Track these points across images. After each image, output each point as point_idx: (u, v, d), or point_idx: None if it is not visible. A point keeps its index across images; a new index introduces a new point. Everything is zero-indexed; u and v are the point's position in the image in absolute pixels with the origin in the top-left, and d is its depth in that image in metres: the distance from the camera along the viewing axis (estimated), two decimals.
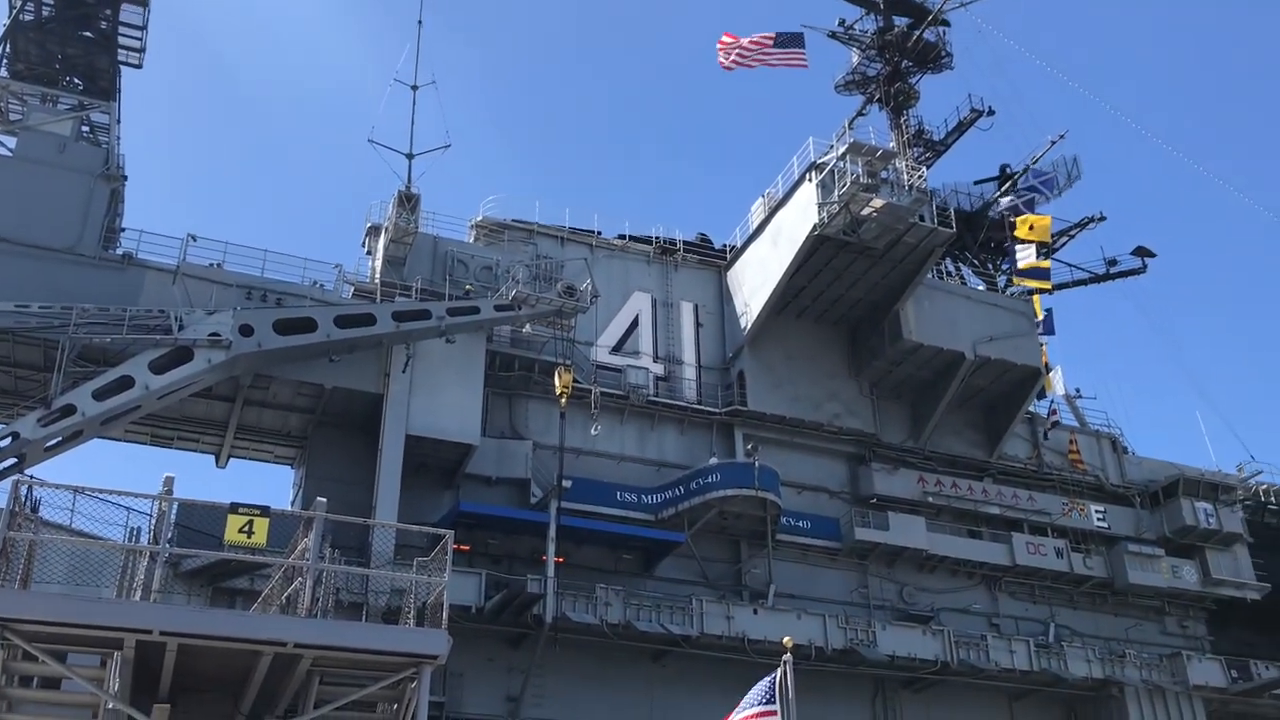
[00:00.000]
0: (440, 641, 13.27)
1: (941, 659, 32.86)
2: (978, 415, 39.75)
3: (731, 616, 31.23)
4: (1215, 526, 39.36)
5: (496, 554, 31.47)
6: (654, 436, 35.67)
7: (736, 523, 33.83)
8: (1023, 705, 35.54)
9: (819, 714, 31.92)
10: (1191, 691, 35.48)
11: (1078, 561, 37.97)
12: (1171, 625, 39.64)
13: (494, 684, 30.15)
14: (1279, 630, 39.39)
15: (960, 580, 37.38)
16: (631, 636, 30.28)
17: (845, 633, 32.20)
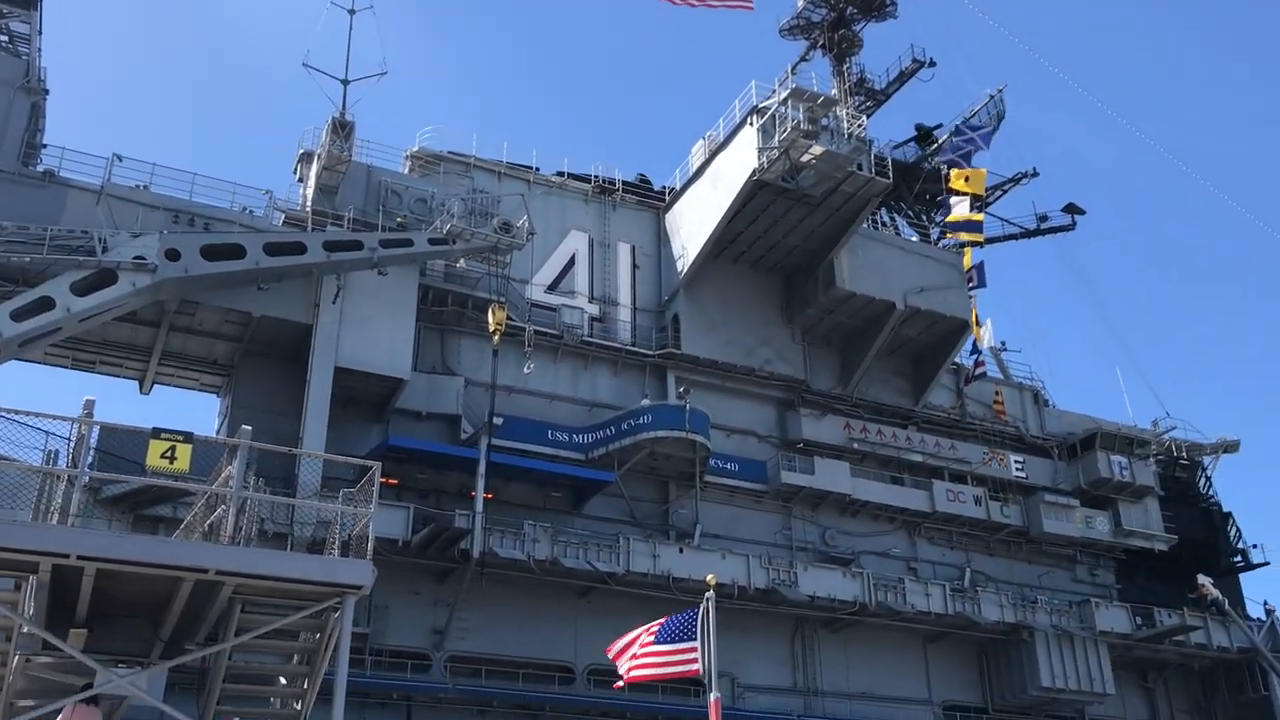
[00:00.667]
0: (364, 572, 13.24)
1: (860, 600, 33.67)
2: (905, 365, 40.39)
3: (658, 555, 31.65)
4: (1129, 479, 40.60)
5: (425, 489, 31.45)
6: (587, 377, 35.73)
7: (666, 464, 34.14)
8: (937, 647, 36.61)
9: (739, 651, 32.74)
10: (1098, 637, 36.80)
11: (995, 510, 38.98)
12: (1082, 573, 40.97)
13: (419, 617, 30.28)
14: (1183, 580, 40.80)
15: (881, 525, 38.20)
16: (558, 573, 30.56)
17: (768, 573, 32.83)
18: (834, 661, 35.03)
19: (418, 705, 29.00)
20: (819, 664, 34.80)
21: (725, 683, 31.76)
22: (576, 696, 30.70)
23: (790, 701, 33.72)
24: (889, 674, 35.64)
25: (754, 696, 33.22)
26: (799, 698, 34.01)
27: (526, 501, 32.52)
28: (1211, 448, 46.32)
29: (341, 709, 13.66)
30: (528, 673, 30.81)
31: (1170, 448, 45.34)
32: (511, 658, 30.81)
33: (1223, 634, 39.41)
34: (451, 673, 29.79)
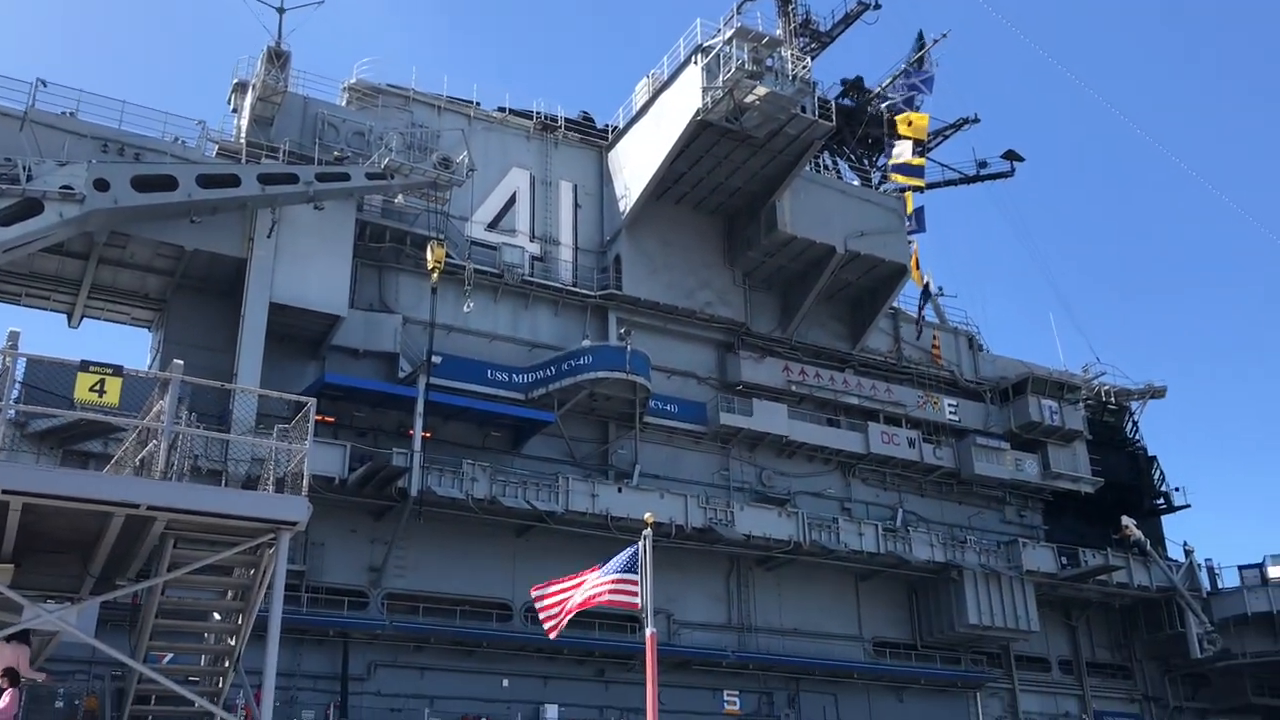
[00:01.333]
0: (299, 508, 13.15)
1: (795, 540, 34.23)
2: (844, 309, 40.73)
3: (596, 494, 31.85)
4: (1058, 423, 41.52)
5: (362, 427, 31.26)
6: (527, 316, 35.56)
7: (606, 404, 34.24)
8: (868, 585, 37.41)
9: (677, 589, 33.22)
10: (1024, 576, 37.83)
11: (928, 452, 39.69)
12: (1011, 514, 41.97)
13: (356, 555, 30.27)
14: (1108, 521, 42.04)
15: (817, 465, 38.74)
16: (497, 512, 30.66)
17: (705, 512, 33.21)
18: (768, 599, 35.66)
19: (354, 642, 29.07)
20: (753, 601, 35.41)
21: (661, 619, 32.26)
22: (514, 633, 30.98)
23: (725, 638, 34.32)
24: (821, 611, 36.38)
25: (689, 633, 33.76)
26: (733, 634, 34.62)
27: (465, 441, 32.47)
28: (1139, 393, 47.48)
29: (276, 645, 13.65)
30: (465, 610, 30.98)
31: (1099, 393, 46.40)
32: (449, 595, 30.96)
33: (1144, 574, 40.73)
34: (388, 610, 29.87)
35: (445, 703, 29.25)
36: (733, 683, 33.88)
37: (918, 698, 36.72)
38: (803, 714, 34.44)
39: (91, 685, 19.10)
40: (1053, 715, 39.73)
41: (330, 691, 28.22)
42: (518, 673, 30.76)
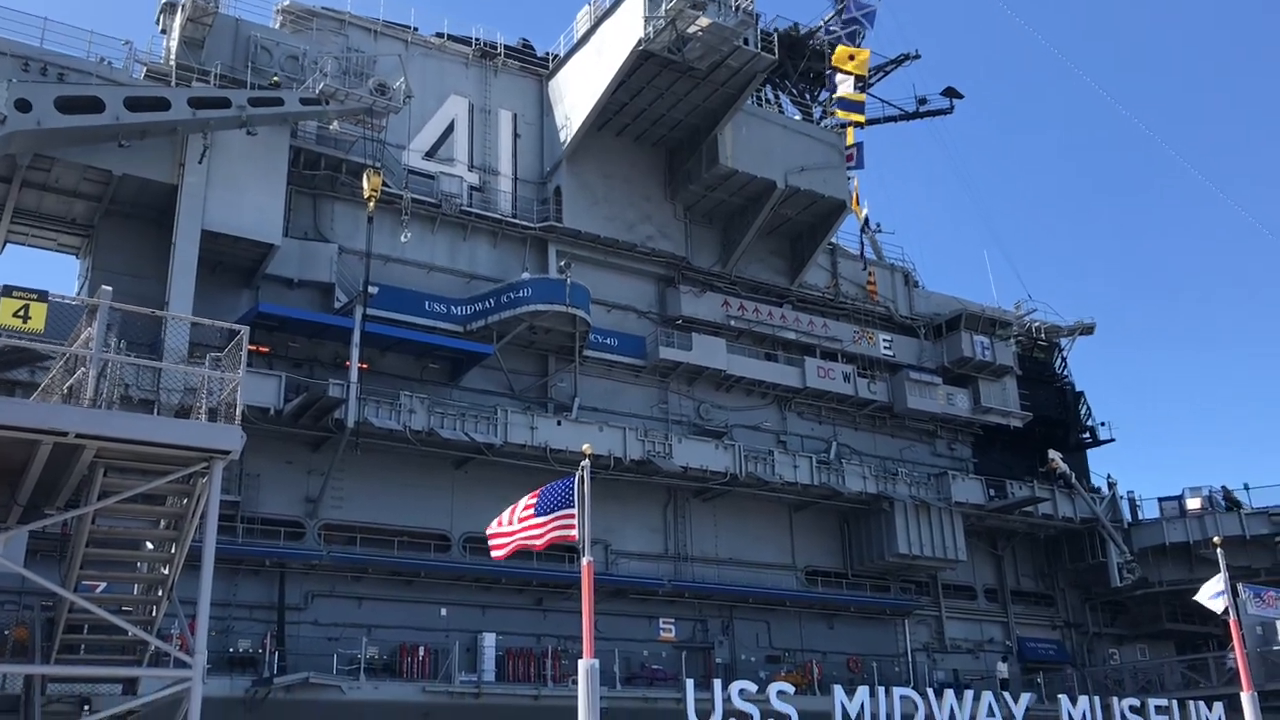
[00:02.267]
0: (233, 437, 13.06)
1: (731, 471, 34.69)
2: (783, 244, 40.89)
3: (535, 427, 31.93)
4: (989, 359, 42.30)
5: (297, 358, 30.94)
6: (465, 248, 35.24)
7: (545, 338, 34.20)
8: (801, 516, 38.10)
9: (615, 519, 33.57)
10: (953, 507, 38.77)
11: (863, 386, 40.28)
12: (941, 447, 42.86)
13: (292, 486, 30.13)
14: (1035, 455, 43.14)
15: (754, 399, 39.16)
16: (435, 444, 30.63)
17: (643, 445, 33.48)
18: (704, 529, 36.20)
19: (291, 573, 29.06)
20: (689, 531, 35.93)
21: (599, 549, 32.66)
22: (452, 563, 31.14)
23: (661, 567, 34.85)
24: (756, 541, 37.03)
25: (626, 562, 34.21)
26: (670, 563, 35.15)
27: (403, 373, 32.31)
28: (1069, 330, 48.48)
29: (210, 575, 13.64)
30: (403, 541, 31.05)
31: (1030, 329, 47.32)
32: (387, 526, 30.98)
33: (1068, 505, 41.94)
34: (325, 541, 29.85)
35: (383, 632, 29.42)
36: (668, 610, 34.46)
37: (848, 624, 37.68)
38: (736, 640, 35.19)
39: (21, 615, 18.90)
40: (977, 641, 41.02)
41: (267, 621, 28.24)
42: (456, 602, 30.99)
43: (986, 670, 38.66)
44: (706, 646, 34.66)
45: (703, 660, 33.81)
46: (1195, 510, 42.10)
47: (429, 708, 26.89)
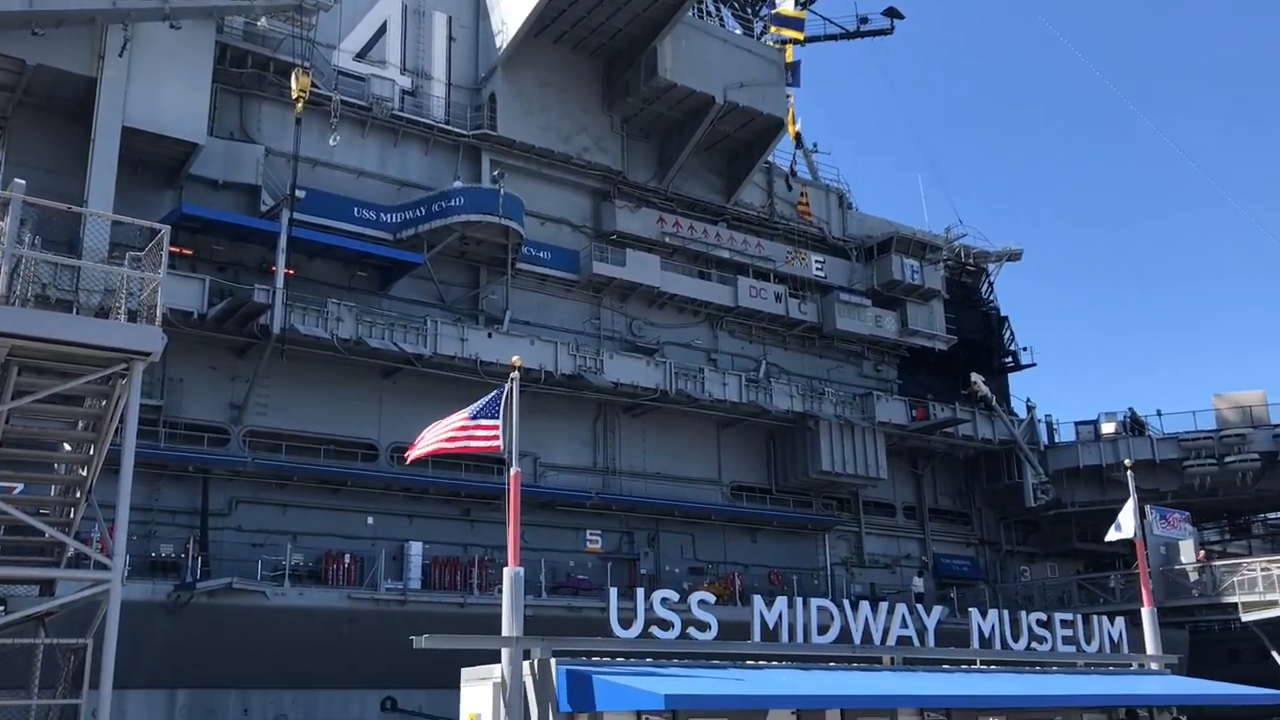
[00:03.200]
0: (152, 338, 12.77)
1: (661, 388, 34.92)
2: (720, 161, 40.70)
3: (465, 339, 31.74)
4: (918, 282, 42.83)
5: (222, 261, 30.26)
6: (397, 154, 34.53)
7: (477, 249, 33.81)
8: (730, 433, 38.57)
9: (544, 433, 33.68)
10: (877, 427, 39.51)
11: (794, 306, 40.60)
12: (868, 368, 43.52)
13: (216, 391, 29.71)
14: (957, 378, 44.01)
15: (686, 317, 39.30)
16: (363, 353, 30.34)
17: (575, 359, 33.50)
18: (633, 444, 36.50)
19: (215, 479, 28.81)
20: (618, 446, 36.21)
21: (528, 462, 32.81)
22: (379, 472, 31.09)
23: (589, 480, 35.14)
24: (683, 456, 37.46)
25: (555, 475, 34.43)
26: (598, 476, 35.46)
27: (331, 280, 31.80)
28: (996, 255, 49.22)
29: (129, 477, 13.43)
30: (330, 449, 30.88)
31: (959, 254, 47.96)
32: (313, 434, 30.76)
33: (987, 427, 42.99)
34: (250, 447, 29.57)
35: (308, 540, 29.39)
36: (595, 523, 34.88)
37: (770, 538, 38.48)
38: (661, 553, 35.78)
39: None
40: (895, 557, 42.19)
41: (190, 527, 28.04)
42: (382, 511, 31.01)
43: (902, 584, 39.85)
44: (632, 558, 35.23)
45: (628, 571, 34.37)
46: (1109, 435, 43.43)
47: (354, 614, 27.04)
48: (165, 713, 24.93)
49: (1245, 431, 41.89)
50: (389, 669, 25.93)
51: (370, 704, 27.22)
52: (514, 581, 15.06)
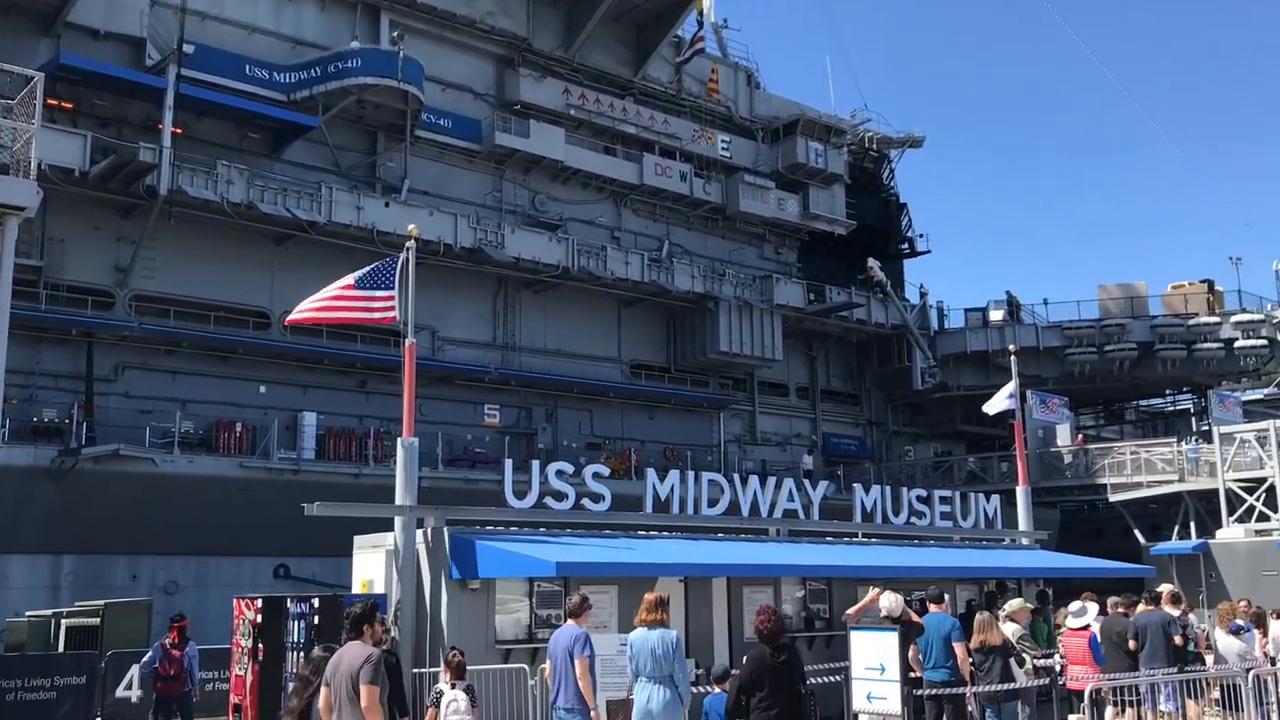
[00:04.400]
0: (26, 192, 12.18)
1: (563, 264, 34.72)
2: (628, 32, 39.84)
3: (361, 207, 30.99)
4: (822, 166, 43.00)
5: (104, 117, 28.82)
6: (291, 10, 32.98)
7: (375, 113, 32.79)
8: (631, 311, 38.71)
9: (443, 306, 33.37)
10: (774, 309, 40.04)
11: (698, 186, 40.49)
12: (768, 251, 43.86)
13: (100, 253, 28.63)
14: (855, 262, 44.64)
15: (590, 193, 38.92)
16: (254, 218, 29.46)
17: (475, 232, 33.04)
18: (533, 320, 36.41)
19: (100, 343, 27.97)
20: (519, 322, 36.08)
21: (425, 335, 32.50)
22: (272, 341, 30.52)
23: (489, 355, 35.05)
24: (584, 334, 37.55)
25: (453, 349, 34.24)
26: (497, 352, 35.38)
27: (221, 140, 30.57)
28: (898, 141, 49.58)
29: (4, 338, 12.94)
30: (220, 316, 30.15)
31: (863, 139, 48.17)
32: (203, 300, 29.95)
33: (881, 312, 43.92)
34: (137, 312, 28.71)
35: (198, 407, 28.88)
36: (494, 398, 34.93)
37: (667, 416, 39.08)
38: (559, 428, 36.09)
39: None
40: (786, 436, 43.30)
41: (74, 392, 27.28)
42: (275, 381, 30.55)
43: (792, 462, 40.99)
44: (530, 432, 35.47)
45: (525, 446, 34.63)
46: (996, 322, 44.79)
47: (246, 483, 26.85)
48: (50, 578, 24.64)
49: (1125, 322, 43.62)
50: (282, 538, 25.88)
51: (263, 571, 27.26)
52: (408, 451, 15.04)
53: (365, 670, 7.12)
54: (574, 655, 9.72)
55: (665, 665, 9.33)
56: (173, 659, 13.59)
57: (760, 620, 9.20)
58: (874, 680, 10.06)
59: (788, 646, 9.29)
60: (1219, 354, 43.27)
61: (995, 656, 12.27)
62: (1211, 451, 35.60)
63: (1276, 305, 45.40)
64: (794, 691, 9.16)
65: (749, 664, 9.26)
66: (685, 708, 9.58)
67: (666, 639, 9.42)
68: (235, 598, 15.41)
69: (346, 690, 7.16)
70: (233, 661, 14.88)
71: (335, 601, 14.07)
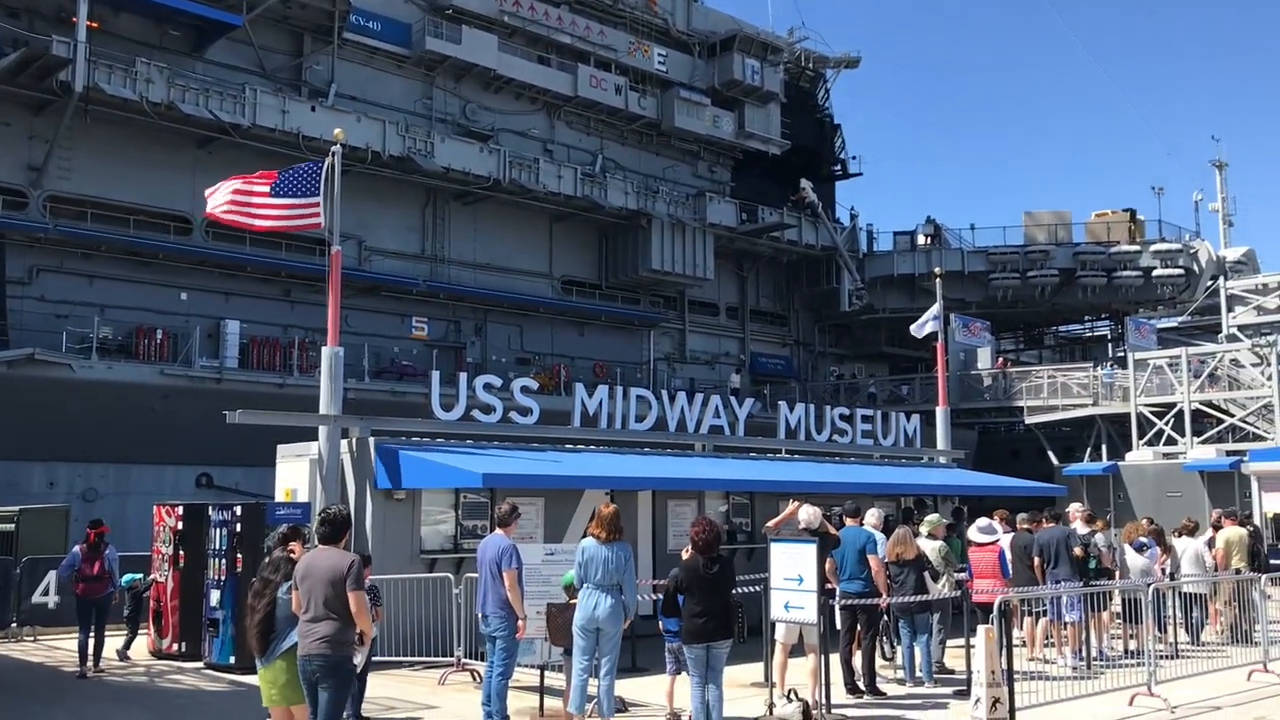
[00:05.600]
0: None
1: (495, 176, 34.25)
2: None
3: (287, 110, 30.18)
4: (758, 84, 42.65)
5: (14, 6, 27.50)
6: None
7: (301, 13, 31.76)
8: (562, 226, 38.42)
9: (370, 216, 32.85)
10: (707, 228, 40.02)
11: (633, 100, 39.98)
12: (702, 169, 43.64)
13: (12, 151, 27.60)
14: (788, 182, 44.63)
15: (523, 104, 38.25)
16: (175, 119, 28.56)
17: (404, 140, 32.38)
18: (463, 233, 35.98)
19: (12, 244, 27.12)
20: (448, 234, 35.63)
21: (352, 245, 32.01)
22: (194, 247, 29.80)
23: (417, 267, 34.62)
24: (514, 248, 37.22)
25: (381, 260, 33.75)
26: (426, 264, 34.95)
27: (139, 37, 29.42)
28: (835, 61, 49.34)
29: None
30: (140, 220, 29.30)
31: (799, 58, 47.82)
32: (122, 203, 29.07)
33: (811, 233, 44.14)
34: (52, 214, 27.78)
35: (117, 313, 28.21)
36: (422, 310, 34.62)
37: (598, 333, 39.09)
38: (488, 342, 35.93)
39: None
40: (715, 354, 43.64)
41: None
42: (197, 287, 29.92)
43: (720, 380, 41.37)
44: (458, 346, 35.29)
45: (454, 359, 34.44)
46: (923, 246, 45.31)
47: (167, 391, 26.42)
48: None
49: (1048, 248, 44.40)
50: (205, 446, 25.59)
51: (185, 479, 26.99)
52: (333, 360, 14.90)
53: (353, 576, 7.33)
54: (502, 567, 9.82)
55: (615, 576, 9.51)
56: (91, 561, 13.44)
57: (696, 530, 9.45)
58: (792, 590, 10.32)
59: (722, 558, 9.53)
60: (1137, 282, 44.32)
61: (909, 570, 12.67)
62: (1125, 377, 36.68)
63: (1194, 236, 46.54)
64: (725, 602, 9.44)
65: (682, 571, 9.49)
66: (629, 619, 9.78)
67: (620, 552, 9.59)
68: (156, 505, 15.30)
69: (323, 592, 7.33)
70: (153, 568, 14.83)
71: (258, 510, 14.04)
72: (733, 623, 9.64)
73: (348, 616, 7.34)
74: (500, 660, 9.84)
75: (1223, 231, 50.16)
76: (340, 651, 7.36)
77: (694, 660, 9.32)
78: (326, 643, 7.32)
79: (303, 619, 7.44)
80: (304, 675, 7.43)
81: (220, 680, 12.94)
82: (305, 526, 11.59)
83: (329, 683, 7.34)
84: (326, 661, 7.32)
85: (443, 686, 12.44)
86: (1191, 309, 49.49)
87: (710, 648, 9.26)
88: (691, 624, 9.27)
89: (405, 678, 12.77)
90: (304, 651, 7.40)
